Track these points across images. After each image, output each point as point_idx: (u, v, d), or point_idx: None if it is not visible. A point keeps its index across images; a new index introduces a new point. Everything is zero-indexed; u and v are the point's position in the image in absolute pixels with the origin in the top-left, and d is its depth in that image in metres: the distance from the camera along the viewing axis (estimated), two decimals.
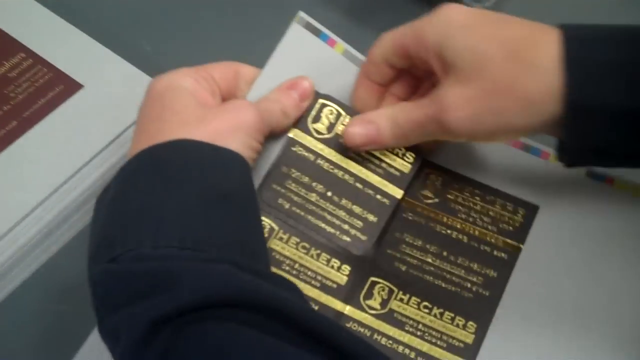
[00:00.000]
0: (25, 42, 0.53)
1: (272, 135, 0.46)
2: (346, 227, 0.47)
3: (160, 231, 0.36)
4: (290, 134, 0.47)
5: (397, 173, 0.47)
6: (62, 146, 0.48)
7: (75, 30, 0.54)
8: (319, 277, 0.47)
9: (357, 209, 0.47)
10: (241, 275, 0.35)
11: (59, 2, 0.57)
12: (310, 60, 0.50)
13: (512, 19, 0.41)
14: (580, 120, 0.38)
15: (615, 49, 0.38)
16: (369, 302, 0.46)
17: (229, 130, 0.41)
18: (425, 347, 0.45)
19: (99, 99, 0.51)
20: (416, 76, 0.47)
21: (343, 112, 0.47)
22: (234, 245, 0.38)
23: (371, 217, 0.47)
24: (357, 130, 0.44)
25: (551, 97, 0.38)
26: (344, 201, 0.47)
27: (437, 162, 0.50)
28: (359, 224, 0.46)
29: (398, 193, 0.47)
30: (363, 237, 0.46)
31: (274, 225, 0.48)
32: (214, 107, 0.43)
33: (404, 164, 0.47)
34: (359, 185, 0.47)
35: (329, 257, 0.47)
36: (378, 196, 0.47)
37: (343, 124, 0.47)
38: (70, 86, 0.51)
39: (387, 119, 0.44)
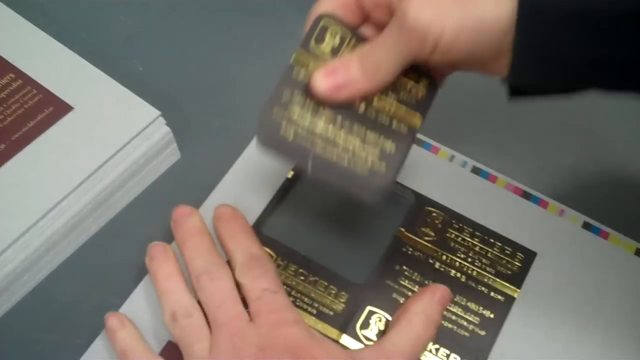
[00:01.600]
0: (14, 63, 0.52)
1: None
2: (360, 159, 0.40)
3: None
4: (291, 60, 0.41)
5: (414, 99, 0.41)
6: (51, 170, 0.47)
7: (66, 50, 0.53)
8: (316, 304, 0.46)
9: (371, 136, 0.40)
10: None
11: (50, 21, 0.56)
12: None
13: None
14: (530, 20, 0.36)
15: None
16: (365, 331, 0.45)
17: None
18: None
19: (90, 121, 0.50)
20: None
21: (350, 34, 0.40)
22: None
23: (389, 146, 0.40)
24: (321, 74, 0.39)
25: None
26: (356, 127, 0.40)
27: (439, 202, 0.50)
28: (375, 153, 0.40)
29: (417, 119, 0.41)
30: (382, 170, 0.39)
31: (271, 252, 0.48)
32: None
33: (420, 89, 0.41)
34: (371, 112, 0.40)
35: (326, 284, 0.47)
36: (394, 123, 0.40)
37: (350, 46, 0.41)
38: (60, 108, 0.50)
39: (354, 56, 0.39)
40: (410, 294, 0.47)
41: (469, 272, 0.48)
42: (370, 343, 0.45)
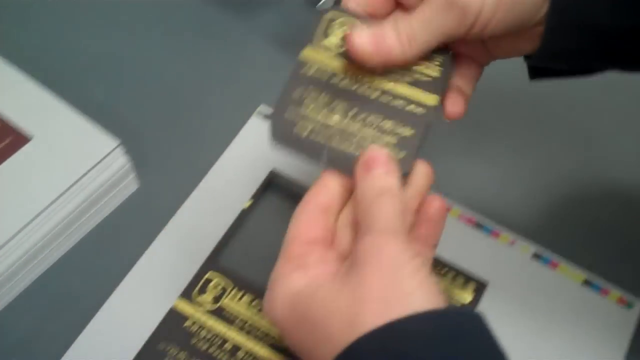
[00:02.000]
0: None
1: None
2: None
3: None
4: (300, 57, 0.41)
5: (428, 78, 0.41)
6: (8, 202, 0.47)
7: (24, 79, 0.53)
8: (270, 337, 0.46)
9: (388, 124, 0.40)
10: None
11: (9, 49, 0.56)
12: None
13: None
14: None
15: None
16: None
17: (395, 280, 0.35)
18: None
19: (48, 152, 0.50)
20: None
21: (359, 22, 0.40)
22: None
23: (406, 131, 0.40)
24: (360, 39, 0.39)
25: None
26: (372, 117, 0.40)
27: None
28: (392, 141, 0.40)
29: (432, 99, 0.41)
30: (399, 156, 0.40)
31: (229, 282, 0.48)
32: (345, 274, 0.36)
33: (433, 68, 0.41)
34: (385, 98, 0.41)
35: None
36: (411, 106, 0.41)
37: None
38: (18, 138, 0.50)
39: (390, 23, 0.40)
40: None
41: None
42: None
